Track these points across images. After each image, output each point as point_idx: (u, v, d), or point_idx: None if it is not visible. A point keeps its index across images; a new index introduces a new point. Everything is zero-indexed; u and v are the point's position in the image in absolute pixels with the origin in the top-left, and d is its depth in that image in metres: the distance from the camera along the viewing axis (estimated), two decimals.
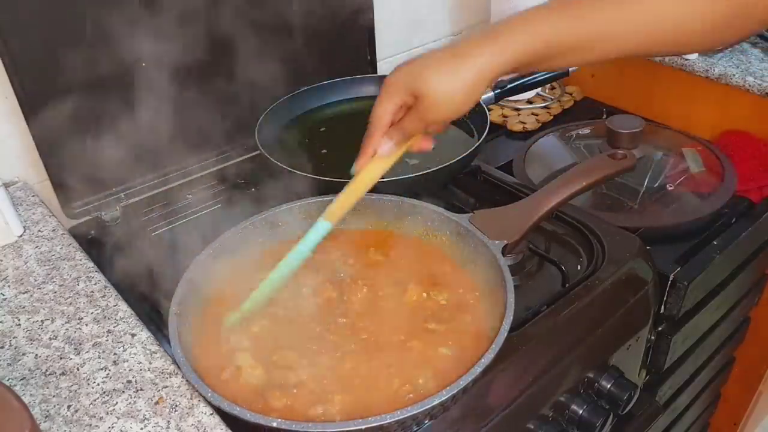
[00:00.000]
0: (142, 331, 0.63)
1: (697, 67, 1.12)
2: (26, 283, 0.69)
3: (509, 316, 0.58)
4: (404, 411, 0.51)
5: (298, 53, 0.97)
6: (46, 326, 0.64)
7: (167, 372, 0.59)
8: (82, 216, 0.85)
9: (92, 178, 0.84)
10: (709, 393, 1.23)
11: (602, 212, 0.92)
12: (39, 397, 0.56)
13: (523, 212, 0.70)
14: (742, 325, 1.18)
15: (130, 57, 0.82)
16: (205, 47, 0.86)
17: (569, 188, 0.72)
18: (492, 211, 0.71)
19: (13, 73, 0.75)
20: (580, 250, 0.80)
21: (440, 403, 0.52)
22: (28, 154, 0.84)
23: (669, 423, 1.11)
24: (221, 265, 0.69)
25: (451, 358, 0.60)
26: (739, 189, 0.99)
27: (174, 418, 0.54)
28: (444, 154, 0.86)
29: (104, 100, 0.81)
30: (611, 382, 0.74)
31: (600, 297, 0.73)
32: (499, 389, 0.63)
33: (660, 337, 0.90)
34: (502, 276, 0.63)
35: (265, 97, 0.96)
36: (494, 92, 1.01)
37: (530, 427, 0.68)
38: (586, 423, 0.71)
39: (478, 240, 0.68)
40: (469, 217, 0.70)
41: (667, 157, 1.05)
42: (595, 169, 0.74)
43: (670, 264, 0.86)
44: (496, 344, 0.56)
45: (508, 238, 0.67)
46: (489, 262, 0.66)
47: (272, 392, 0.56)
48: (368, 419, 0.50)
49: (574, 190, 0.72)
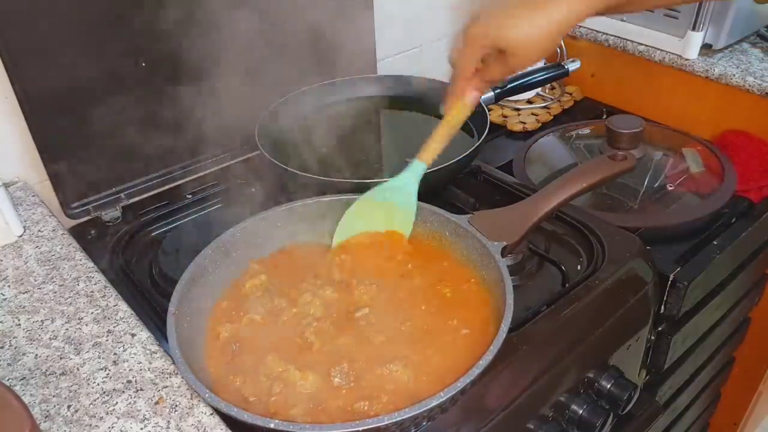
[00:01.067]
0: (142, 331, 0.63)
1: (697, 67, 1.12)
2: (26, 283, 0.69)
3: (508, 317, 0.58)
4: (402, 413, 0.51)
5: (299, 53, 0.97)
6: (46, 326, 0.64)
7: (167, 372, 0.59)
8: (82, 216, 0.85)
9: (92, 178, 0.84)
10: (709, 393, 1.23)
11: (602, 212, 0.92)
12: (39, 397, 0.56)
13: (523, 213, 0.70)
14: (742, 325, 1.18)
15: (130, 57, 0.82)
16: (205, 47, 0.86)
17: (569, 189, 0.72)
18: (491, 212, 0.71)
19: (13, 73, 0.75)
20: (580, 250, 0.81)
21: (438, 405, 0.52)
22: (28, 154, 0.84)
23: (669, 423, 1.11)
24: (219, 266, 0.69)
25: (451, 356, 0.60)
26: (739, 189, 0.99)
27: (174, 418, 0.54)
28: (444, 154, 0.85)
29: (104, 100, 0.81)
30: (611, 382, 0.74)
31: (600, 297, 0.73)
32: (499, 389, 0.63)
33: (660, 337, 0.90)
34: (502, 277, 0.63)
35: (266, 97, 0.96)
36: (494, 92, 1.01)
37: (530, 427, 0.68)
38: (586, 423, 0.72)
39: (478, 241, 0.68)
40: (468, 218, 0.70)
41: (667, 157, 1.05)
42: (596, 171, 0.74)
43: (670, 264, 0.86)
44: (494, 345, 0.56)
45: (507, 239, 0.67)
46: (488, 263, 0.66)
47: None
48: (365, 421, 0.50)
49: (574, 192, 0.72)
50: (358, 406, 0.55)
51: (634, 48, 1.20)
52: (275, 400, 0.56)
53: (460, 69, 0.63)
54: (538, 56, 0.60)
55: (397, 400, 0.56)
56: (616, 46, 1.23)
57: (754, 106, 1.09)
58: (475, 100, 0.66)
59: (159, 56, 0.83)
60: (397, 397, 0.56)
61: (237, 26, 0.88)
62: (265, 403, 0.56)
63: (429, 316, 0.65)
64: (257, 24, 0.89)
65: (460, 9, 1.26)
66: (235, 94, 0.91)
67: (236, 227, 0.71)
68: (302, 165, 0.85)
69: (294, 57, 0.96)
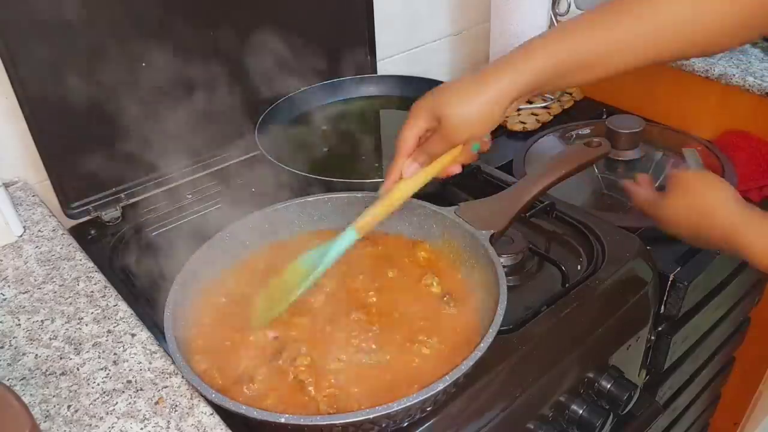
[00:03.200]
0: (142, 331, 0.63)
1: (697, 67, 1.12)
2: (26, 283, 0.69)
3: (503, 301, 0.59)
4: (410, 399, 0.51)
5: (299, 53, 0.97)
6: (46, 326, 0.64)
7: (167, 372, 0.59)
8: (82, 216, 0.85)
9: (92, 178, 0.84)
10: (709, 393, 1.23)
11: (602, 212, 0.92)
12: (39, 397, 0.56)
13: (507, 202, 0.73)
14: (742, 326, 1.18)
15: (131, 57, 0.82)
16: (205, 47, 0.86)
17: (549, 177, 0.75)
18: (477, 202, 0.74)
19: (13, 73, 0.75)
20: (580, 250, 0.81)
21: (446, 388, 0.52)
22: (28, 154, 0.84)
23: (669, 423, 1.11)
24: (216, 266, 0.69)
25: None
26: (739, 189, 0.99)
27: (174, 418, 0.54)
28: None
29: (104, 100, 0.81)
30: (611, 382, 0.74)
31: (600, 297, 0.73)
32: (499, 389, 0.63)
33: (660, 337, 0.90)
34: (492, 262, 0.64)
35: (265, 97, 0.96)
36: None
37: (530, 427, 0.68)
38: (586, 423, 0.72)
39: (466, 231, 0.69)
40: (455, 209, 0.72)
41: (667, 157, 1.05)
42: (573, 157, 0.78)
43: (670, 264, 0.86)
44: (492, 328, 0.56)
45: (494, 228, 0.69)
46: (478, 252, 0.67)
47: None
48: (375, 408, 0.50)
49: (554, 179, 0.75)
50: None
51: None
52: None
53: (401, 140, 0.63)
54: (476, 130, 0.60)
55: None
56: None
57: (754, 106, 1.09)
58: (413, 170, 0.64)
59: (159, 56, 0.83)
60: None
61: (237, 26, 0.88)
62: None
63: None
64: (258, 24, 0.89)
65: (460, 9, 1.26)
66: (236, 94, 0.91)
67: (228, 228, 0.72)
68: (302, 165, 0.85)
69: (294, 57, 0.96)
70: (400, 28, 1.18)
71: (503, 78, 0.59)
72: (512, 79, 0.58)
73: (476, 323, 0.63)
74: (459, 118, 0.59)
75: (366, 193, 0.76)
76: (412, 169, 0.63)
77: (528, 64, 0.59)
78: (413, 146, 0.63)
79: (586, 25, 0.60)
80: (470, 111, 0.59)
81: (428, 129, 0.62)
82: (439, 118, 0.60)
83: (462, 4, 1.26)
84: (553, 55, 0.59)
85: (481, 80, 0.59)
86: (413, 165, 0.63)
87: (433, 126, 0.61)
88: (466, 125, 0.60)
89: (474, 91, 0.59)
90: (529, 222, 0.85)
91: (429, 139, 0.62)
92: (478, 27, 1.31)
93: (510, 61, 0.59)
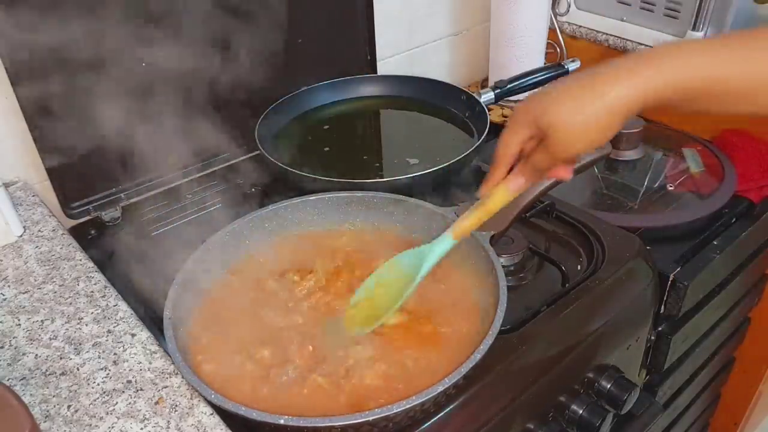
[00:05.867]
0: (142, 331, 0.63)
1: None
2: (26, 283, 0.69)
3: (503, 302, 0.59)
4: (409, 400, 0.51)
5: (298, 53, 0.97)
6: (46, 326, 0.64)
7: (167, 372, 0.59)
8: (82, 216, 0.85)
9: (92, 179, 0.84)
10: (709, 393, 1.23)
11: (602, 212, 0.92)
12: (39, 397, 0.56)
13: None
14: (742, 325, 1.18)
15: (131, 57, 0.82)
16: (205, 47, 0.86)
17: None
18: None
19: (13, 73, 0.75)
20: (580, 250, 0.81)
21: (448, 386, 0.52)
22: (28, 154, 0.84)
23: (669, 423, 1.11)
24: (215, 266, 0.69)
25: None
26: (739, 189, 0.99)
27: (174, 418, 0.54)
28: (444, 154, 0.86)
29: (104, 100, 0.81)
30: (611, 382, 0.74)
31: (600, 297, 0.73)
32: (499, 389, 0.63)
33: (660, 337, 0.90)
34: (492, 262, 0.64)
35: (265, 97, 0.96)
36: (494, 92, 1.01)
37: (530, 427, 0.68)
38: (586, 423, 0.72)
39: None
40: (455, 209, 0.72)
41: (667, 157, 1.05)
42: None
43: (670, 264, 0.86)
44: (492, 329, 0.56)
45: (494, 228, 0.69)
46: (478, 252, 0.67)
47: None
48: (374, 411, 0.51)
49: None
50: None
51: (634, 48, 1.20)
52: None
53: (500, 150, 0.56)
54: (583, 145, 0.51)
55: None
56: (616, 46, 1.22)
57: None
58: (518, 186, 0.58)
59: (160, 56, 0.83)
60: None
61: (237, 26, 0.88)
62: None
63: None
64: (257, 24, 0.89)
65: (460, 9, 1.26)
66: (235, 94, 0.91)
67: (225, 228, 0.72)
68: (302, 164, 0.85)
69: (294, 57, 0.96)
70: (399, 28, 1.18)
71: (619, 87, 0.49)
72: (629, 91, 0.49)
73: (476, 323, 0.63)
74: (569, 133, 0.51)
75: (366, 193, 0.76)
76: (518, 184, 0.57)
77: (662, 73, 0.49)
78: (515, 155, 0.56)
79: (750, 43, 0.49)
80: (583, 125, 0.50)
81: (532, 137, 0.54)
82: (546, 126, 0.51)
83: (462, 4, 1.26)
84: (697, 68, 0.48)
85: (597, 85, 0.50)
86: (519, 179, 0.57)
87: (538, 135, 0.53)
88: (578, 138, 0.51)
89: (589, 97, 0.50)
90: (529, 222, 0.85)
91: (535, 152, 0.55)
92: (478, 27, 1.31)
93: (632, 67, 0.50)
